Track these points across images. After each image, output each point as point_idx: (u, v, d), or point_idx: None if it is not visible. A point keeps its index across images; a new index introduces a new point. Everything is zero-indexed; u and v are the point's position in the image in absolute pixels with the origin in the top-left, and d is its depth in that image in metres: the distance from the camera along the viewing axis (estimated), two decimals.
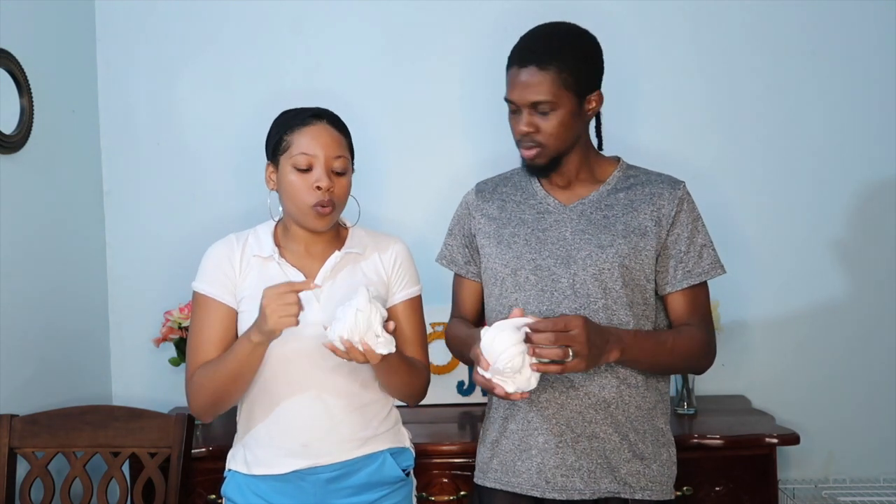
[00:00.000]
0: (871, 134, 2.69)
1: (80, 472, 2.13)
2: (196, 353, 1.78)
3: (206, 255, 1.84)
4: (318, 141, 1.75)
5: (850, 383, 2.71)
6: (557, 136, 1.73)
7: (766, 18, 2.69)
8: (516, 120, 1.75)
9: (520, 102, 1.72)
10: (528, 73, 1.70)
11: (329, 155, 1.75)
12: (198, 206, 2.72)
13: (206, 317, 1.79)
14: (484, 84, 1.77)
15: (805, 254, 2.72)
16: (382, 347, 1.62)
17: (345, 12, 2.72)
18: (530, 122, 1.73)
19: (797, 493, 2.57)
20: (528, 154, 1.76)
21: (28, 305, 2.31)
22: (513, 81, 1.73)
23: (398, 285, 1.87)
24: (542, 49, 1.71)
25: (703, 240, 1.79)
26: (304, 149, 1.74)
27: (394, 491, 1.85)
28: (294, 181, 1.75)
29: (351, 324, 1.60)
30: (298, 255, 1.82)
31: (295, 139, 1.75)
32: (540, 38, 1.74)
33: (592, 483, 1.73)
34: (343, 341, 1.61)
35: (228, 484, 1.85)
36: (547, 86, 1.70)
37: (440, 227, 2.05)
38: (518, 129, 1.75)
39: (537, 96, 1.70)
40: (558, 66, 1.70)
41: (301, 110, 1.80)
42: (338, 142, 1.77)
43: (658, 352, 1.72)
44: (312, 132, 1.76)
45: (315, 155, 1.74)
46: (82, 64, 2.66)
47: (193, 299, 1.82)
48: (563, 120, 1.72)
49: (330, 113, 1.81)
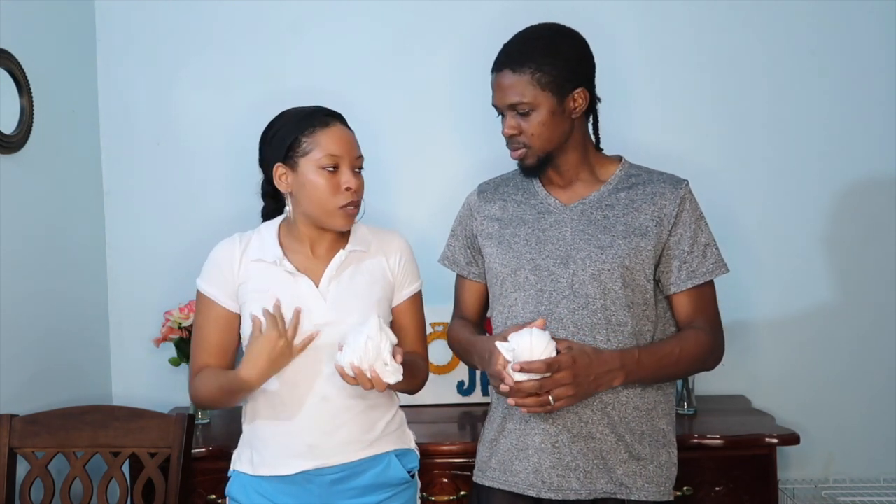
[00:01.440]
0: (874, 133, 2.69)
1: (80, 472, 2.13)
2: (197, 353, 1.83)
3: (211, 253, 1.86)
4: (343, 142, 1.78)
5: (850, 383, 2.71)
6: (540, 136, 1.75)
7: (769, 18, 2.68)
8: (502, 123, 1.79)
9: (500, 105, 1.77)
10: (503, 77, 1.74)
11: (353, 155, 1.78)
12: (197, 206, 2.72)
13: (206, 317, 1.83)
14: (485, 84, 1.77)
15: (806, 254, 2.72)
16: (390, 377, 1.66)
17: (344, 12, 2.72)
18: (513, 125, 1.76)
19: (797, 493, 2.57)
20: (516, 155, 1.80)
21: (28, 305, 2.31)
22: (493, 86, 1.78)
23: (404, 283, 1.89)
24: (516, 52, 1.75)
25: (707, 239, 1.79)
26: (331, 150, 1.76)
27: (399, 492, 1.85)
28: (321, 183, 1.76)
29: (361, 351, 1.64)
30: (303, 256, 1.82)
31: (318, 140, 1.76)
32: (516, 41, 1.78)
33: (588, 483, 1.73)
34: (353, 367, 1.65)
35: (233, 484, 1.86)
36: (521, 87, 1.73)
37: (442, 226, 2.05)
38: (503, 132, 1.78)
39: (514, 98, 1.73)
40: (531, 66, 1.72)
41: (312, 111, 1.81)
42: (355, 141, 1.81)
43: (664, 365, 1.72)
44: (335, 133, 1.78)
45: (341, 156, 1.76)
46: (82, 64, 2.66)
47: (196, 295, 1.85)
48: (544, 119, 1.74)
49: (338, 112, 1.83)
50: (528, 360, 1.59)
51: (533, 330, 1.62)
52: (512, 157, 1.81)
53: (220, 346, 1.81)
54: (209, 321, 1.82)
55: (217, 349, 1.81)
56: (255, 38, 2.72)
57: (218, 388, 1.76)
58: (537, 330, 1.62)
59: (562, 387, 1.60)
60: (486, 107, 1.82)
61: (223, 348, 1.82)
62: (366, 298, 1.81)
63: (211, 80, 2.72)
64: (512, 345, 1.61)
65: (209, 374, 1.79)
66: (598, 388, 1.66)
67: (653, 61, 2.70)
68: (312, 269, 1.81)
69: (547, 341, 1.61)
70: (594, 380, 1.64)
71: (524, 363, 1.59)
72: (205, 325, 1.82)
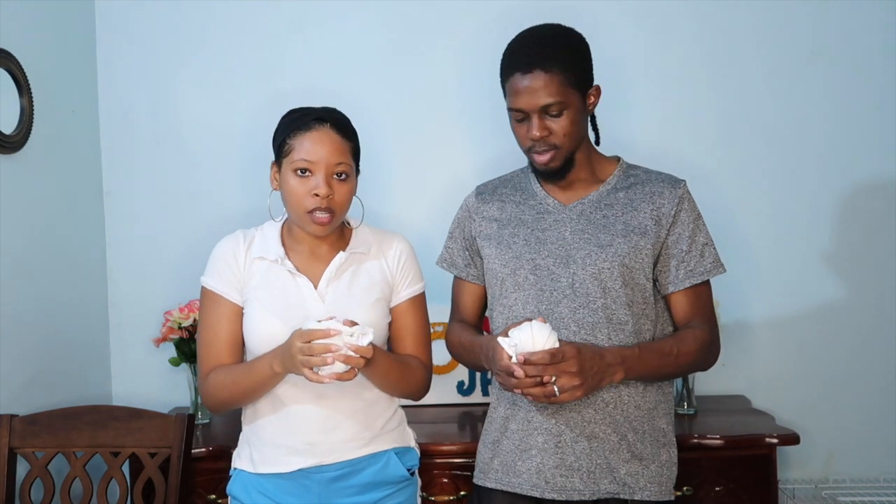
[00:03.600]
0: (874, 134, 2.69)
1: (80, 472, 2.13)
2: (208, 352, 1.81)
3: (214, 250, 1.85)
4: (319, 147, 1.73)
5: (850, 383, 2.71)
6: (571, 136, 1.73)
7: (769, 18, 2.68)
8: (526, 127, 1.73)
9: (529, 108, 1.71)
10: (533, 78, 1.69)
11: (330, 162, 1.73)
12: (198, 206, 2.72)
13: (214, 313, 1.81)
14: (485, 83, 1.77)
15: (805, 254, 2.71)
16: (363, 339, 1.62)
17: (345, 12, 2.71)
18: (543, 126, 1.71)
19: (797, 493, 2.57)
20: (543, 159, 1.75)
21: (28, 306, 2.31)
22: (517, 89, 1.71)
23: (402, 283, 1.87)
24: (542, 52, 1.71)
25: (705, 239, 1.80)
26: (305, 154, 1.73)
27: (398, 490, 1.85)
28: (293, 186, 1.74)
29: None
30: (304, 257, 1.82)
31: (297, 143, 1.74)
32: (534, 41, 1.74)
33: (592, 484, 1.73)
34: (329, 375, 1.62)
35: (234, 483, 1.86)
36: (555, 86, 1.69)
37: (441, 226, 2.05)
38: (530, 136, 1.73)
39: (547, 99, 1.69)
40: (561, 65, 1.69)
41: (306, 112, 1.78)
42: (340, 148, 1.75)
43: (662, 364, 1.73)
44: (314, 137, 1.74)
45: (315, 161, 1.73)
46: (82, 64, 2.66)
47: (201, 293, 1.84)
48: (574, 118, 1.73)
49: (335, 116, 1.79)
50: (531, 351, 1.59)
51: (533, 323, 1.61)
52: (537, 161, 1.76)
53: (232, 341, 1.80)
54: (219, 317, 1.80)
55: (229, 345, 1.80)
56: (256, 38, 2.72)
57: (241, 380, 1.74)
58: (537, 323, 1.61)
59: (567, 375, 1.59)
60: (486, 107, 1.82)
61: (235, 344, 1.80)
62: (364, 300, 1.80)
63: (211, 80, 2.72)
64: (513, 340, 1.61)
65: (227, 369, 1.77)
66: (602, 381, 1.66)
67: (652, 61, 2.70)
68: (312, 269, 1.81)
69: (548, 332, 1.60)
70: (597, 372, 1.64)
71: (528, 354, 1.58)
72: (214, 322, 1.81)
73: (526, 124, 1.74)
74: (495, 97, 1.84)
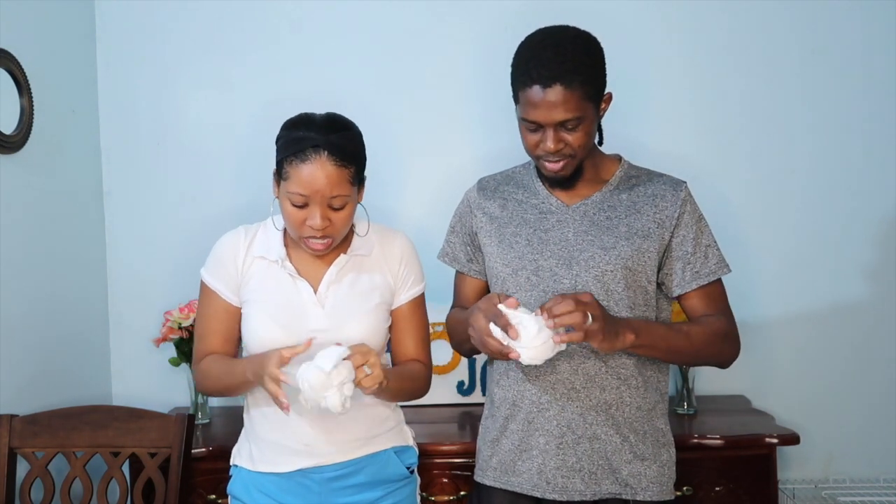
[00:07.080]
0: (875, 133, 2.69)
1: (80, 473, 2.13)
2: (201, 340, 1.85)
3: (216, 245, 1.85)
4: (314, 181, 1.67)
5: (850, 383, 2.71)
6: (584, 146, 1.72)
7: (770, 18, 2.68)
8: (539, 137, 1.71)
9: (546, 122, 1.67)
10: (554, 94, 1.64)
11: (325, 194, 1.68)
12: (198, 206, 2.72)
13: (209, 307, 1.84)
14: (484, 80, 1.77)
15: (805, 254, 2.72)
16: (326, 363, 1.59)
17: (345, 12, 2.71)
18: (558, 139, 1.69)
19: (797, 493, 2.57)
20: (555, 167, 1.73)
21: (28, 305, 2.30)
22: (534, 101, 1.66)
23: (404, 287, 1.87)
24: (563, 65, 1.65)
25: (708, 240, 1.80)
26: (299, 188, 1.67)
27: (398, 488, 1.85)
28: (290, 213, 1.72)
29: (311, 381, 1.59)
30: (304, 259, 1.82)
31: (293, 172, 1.68)
32: (555, 53, 1.66)
33: (593, 484, 1.73)
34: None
35: (234, 482, 1.86)
36: (574, 102, 1.65)
37: (440, 223, 2.04)
38: (544, 147, 1.70)
39: (565, 115, 1.66)
40: (581, 80, 1.66)
41: (305, 136, 1.68)
42: (336, 179, 1.68)
43: (673, 337, 1.71)
44: (309, 170, 1.66)
45: (309, 196, 1.68)
46: (82, 64, 2.66)
47: (200, 283, 1.85)
48: (589, 130, 1.71)
49: (333, 141, 1.69)
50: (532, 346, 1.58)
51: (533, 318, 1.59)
52: (548, 169, 1.74)
53: (224, 335, 1.83)
54: (212, 312, 1.83)
55: (221, 338, 1.83)
56: (256, 38, 2.72)
57: (224, 376, 1.78)
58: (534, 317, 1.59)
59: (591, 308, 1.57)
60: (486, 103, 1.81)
61: (227, 337, 1.83)
62: (364, 305, 1.80)
63: (211, 80, 2.72)
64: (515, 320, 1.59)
65: (215, 361, 1.80)
66: (616, 338, 1.62)
67: (653, 62, 2.70)
68: (313, 272, 1.81)
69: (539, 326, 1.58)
70: (613, 322, 1.62)
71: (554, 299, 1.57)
72: (208, 315, 1.83)
73: (539, 134, 1.70)
74: (493, 94, 1.83)
